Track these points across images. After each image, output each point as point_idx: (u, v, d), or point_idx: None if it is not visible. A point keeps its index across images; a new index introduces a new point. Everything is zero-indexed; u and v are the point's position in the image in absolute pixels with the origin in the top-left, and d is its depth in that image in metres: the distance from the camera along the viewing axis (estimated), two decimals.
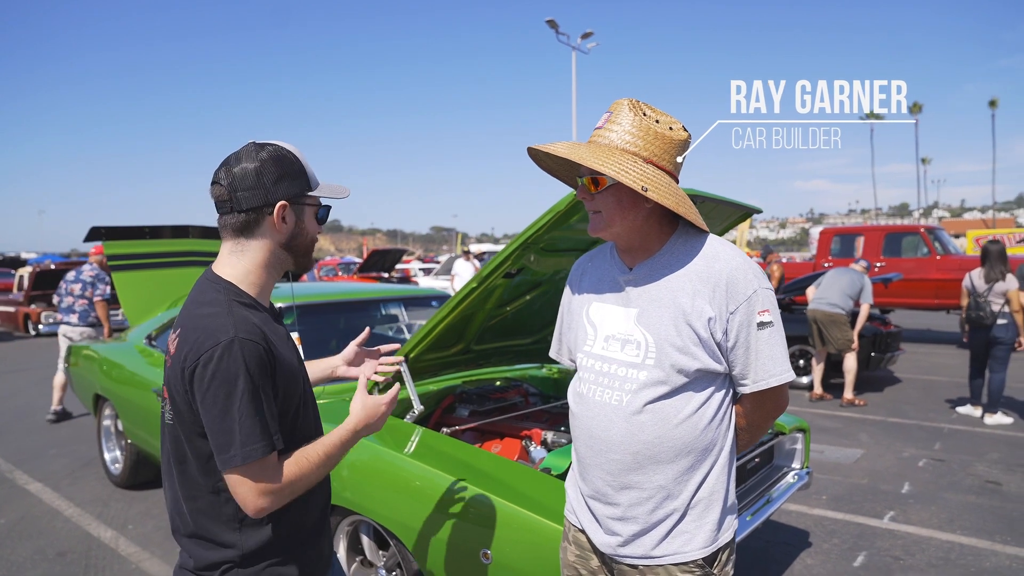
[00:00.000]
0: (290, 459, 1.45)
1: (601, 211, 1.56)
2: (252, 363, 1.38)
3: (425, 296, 4.91)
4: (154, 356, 4.45)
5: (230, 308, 1.44)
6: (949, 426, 6.51)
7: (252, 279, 1.52)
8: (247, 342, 1.38)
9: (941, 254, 11.84)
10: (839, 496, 4.64)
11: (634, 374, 1.55)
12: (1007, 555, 3.74)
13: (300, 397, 1.56)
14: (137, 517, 4.36)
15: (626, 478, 1.56)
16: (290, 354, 1.56)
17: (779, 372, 1.52)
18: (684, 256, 1.55)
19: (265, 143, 1.51)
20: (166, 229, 5.86)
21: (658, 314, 1.54)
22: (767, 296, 1.51)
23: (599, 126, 1.57)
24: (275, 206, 1.47)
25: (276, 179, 1.47)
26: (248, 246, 1.51)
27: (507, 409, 3.53)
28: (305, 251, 1.57)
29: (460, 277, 14.33)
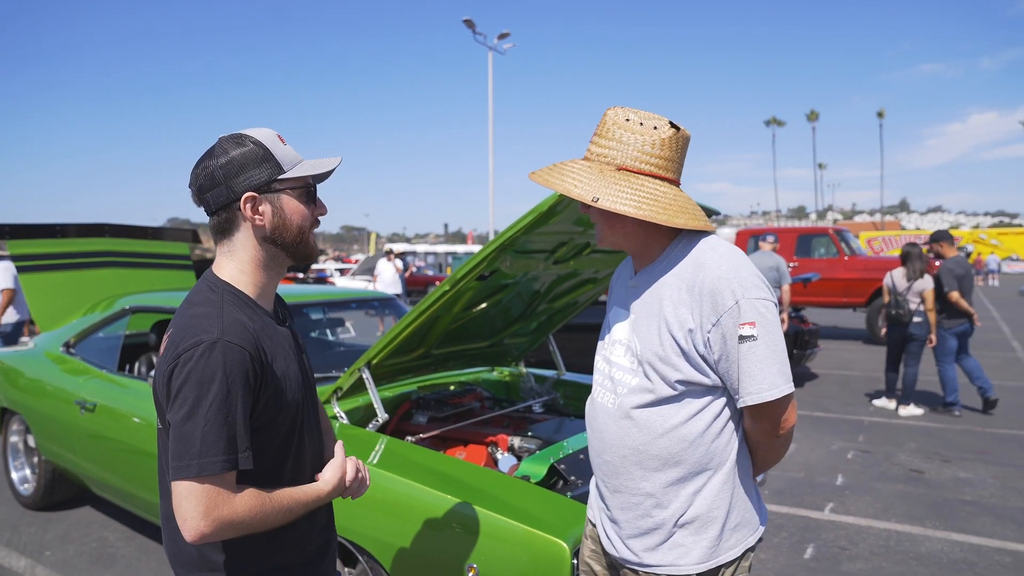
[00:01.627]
0: (252, 492, 1.31)
1: (596, 223, 1.58)
2: (233, 369, 1.27)
3: (368, 299, 4.74)
4: (72, 364, 4.11)
5: (222, 309, 1.35)
6: (869, 418, 6.84)
7: (248, 278, 1.43)
8: (232, 346, 1.28)
9: (849, 255, 12.49)
10: (781, 490, 4.78)
11: (628, 379, 1.55)
12: (938, 539, 3.94)
13: (296, 411, 1.44)
14: (55, 542, 4.00)
15: (616, 481, 1.57)
16: (290, 363, 1.45)
17: (761, 389, 1.40)
18: (677, 262, 1.51)
19: (231, 135, 1.40)
20: (78, 227, 5.42)
21: (647, 322, 1.52)
22: (752, 307, 1.40)
23: (591, 139, 1.55)
24: (240, 200, 1.36)
25: (236, 172, 1.36)
26: (234, 246, 1.42)
27: (465, 414, 3.43)
28: (294, 241, 1.43)
29: (383, 278, 14.05)
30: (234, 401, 1.27)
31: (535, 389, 3.91)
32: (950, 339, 6.80)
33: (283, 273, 1.50)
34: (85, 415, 3.67)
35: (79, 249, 5.36)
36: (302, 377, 1.50)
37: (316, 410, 1.59)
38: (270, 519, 1.33)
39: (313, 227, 1.47)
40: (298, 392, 1.45)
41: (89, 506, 4.52)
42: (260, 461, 1.36)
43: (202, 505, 1.23)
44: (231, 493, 1.27)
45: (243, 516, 1.28)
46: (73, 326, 4.51)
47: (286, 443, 1.43)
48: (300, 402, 1.46)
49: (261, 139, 1.38)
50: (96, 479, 3.81)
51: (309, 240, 1.46)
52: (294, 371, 1.45)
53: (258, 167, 1.37)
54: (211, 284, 1.42)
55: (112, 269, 5.41)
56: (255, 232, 1.41)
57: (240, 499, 1.28)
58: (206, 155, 1.39)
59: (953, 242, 6.93)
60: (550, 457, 2.64)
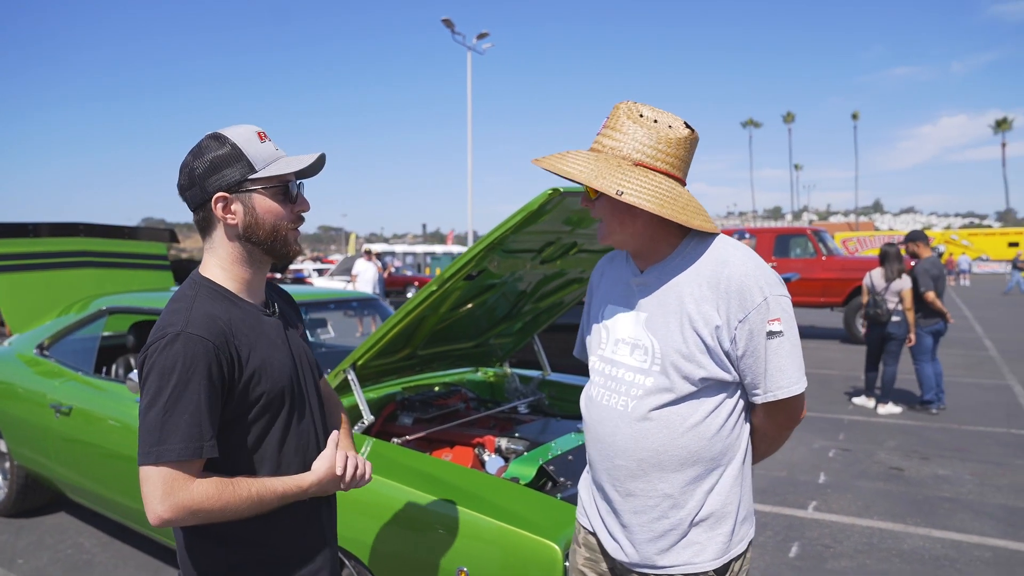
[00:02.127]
0: (213, 480, 1.32)
1: (602, 219, 1.53)
2: (193, 359, 1.31)
3: (349, 299, 4.69)
4: (47, 367, 4.01)
5: (193, 303, 1.39)
6: (848, 417, 6.91)
7: (227, 273, 1.47)
8: (193, 337, 1.32)
9: (826, 255, 12.63)
10: (764, 489, 4.80)
11: (640, 379, 1.51)
12: (920, 536, 3.98)
13: (281, 399, 1.46)
14: (28, 549, 3.90)
15: (630, 485, 1.52)
16: (275, 351, 1.47)
17: (789, 384, 1.45)
18: (694, 260, 1.50)
19: (213, 133, 1.42)
20: (52, 226, 5.30)
21: (664, 320, 1.50)
22: (779, 304, 1.43)
23: (599, 131, 1.53)
24: (212, 201, 1.40)
25: (207, 173, 1.39)
26: (213, 243, 1.46)
27: (451, 416, 3.40)
28: (268, 239, 1.44)
29: (362, 277, 13.93)
30: (195, 390, 1.30)
31: (520, 390, 3.89)
32: (926, 338, 6.89)
33: (266, 267, 1.52)
34: (60, 419, 3.58)
35: (53, 249, 5.24)
36: (292, 366, 1.51)
37: (315, 400, 1.59)
38: (234, 506, 1.33)
39: (292, 224, 1.48)
40: (282, 380, 1.46)
41: (64, 512, 4.42)
42: (240, 450, 1.40)
43: (159, 490, 1.27)
44: (190, 479, 1.29)
45: (201, 502, 1.29)
46: (47, 327, 4.40)
47: (267, 432, 1.44)
48: (287, 390, 1.47)
49: (237, 138, 1.40)
50: (71, 484, 3.73)
51: (286, 238, 1.47)
52: (279, 360, 1.47)
53: (230, 167, 1.39)
54: (192, 281, 1.46)
55: (87, 269, 5.29)
56: (228, 231, 1.44)
57: (198, 485, 1.30)
58: (189, 154, 1.42)
59: (928, 242, 7.02)
60: (539, 458, 2.62)
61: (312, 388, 1.59)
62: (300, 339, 1.62)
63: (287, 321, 1.59)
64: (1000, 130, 78.19)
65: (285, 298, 1.70)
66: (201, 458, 1.30)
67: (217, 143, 1.40)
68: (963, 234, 49.45)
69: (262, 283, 1.54)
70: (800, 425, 6.18)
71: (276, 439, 1.45)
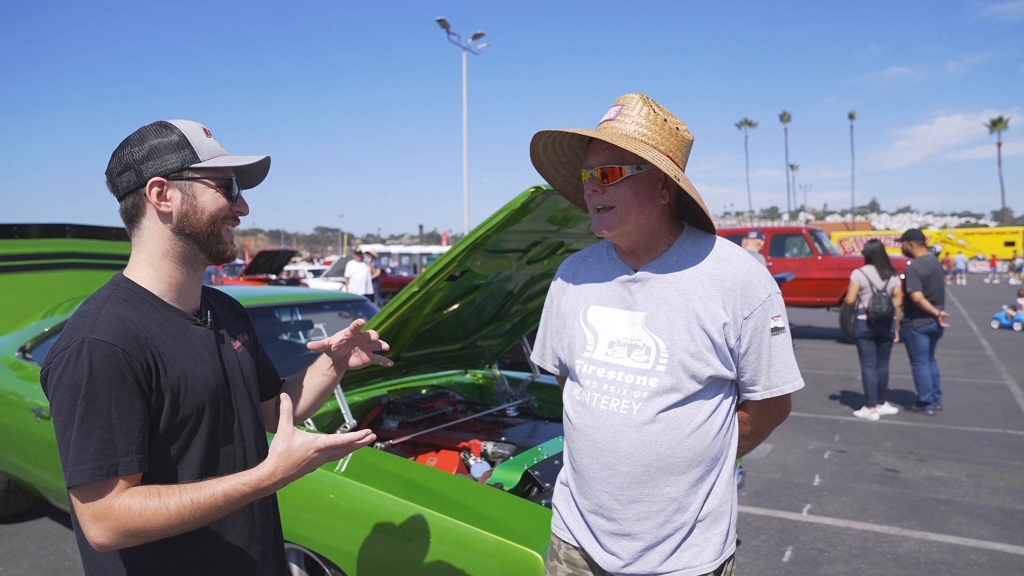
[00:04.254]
0: (136, 492, 1.20)
1: (615, 206, 1.46)
2: (100, 369, 1.19)
3: (338, 300, 4.61)
4: (28, 370, 3.93)
5: (103, 306, 1.28)
6: (844, 418, 6.85)
7: (154, 272, 1.36)
8: (99, 343, 1.20)
9: (822, 254, 12.58)
10: (758, 491, 4.74)
11: (644, 381, 1.46)
12: (915, 539, 3.93)
13: (203, 414, 1.33)
14: (9, 556, 3.83)
15: (635, 491, 1.46)
16: (199, 363, 1.35)
17: (792, 379, 1.49)
18: (693, 258, 1.50)
19: (154, 122, 1.36)
20: (39, 227, 5.23)
21: (669, 318, 1.46)
22: (779, 301, 1.48)
23: (609, 118, 1.48)
24: (147, 186, 1.31)
25: (147, 155, 1.31)
26: (141, 237, 1.36)
27: (437, 419, 3.34)
28: (205, 232, 1.35)
29: (355, 279, 13.86)
30: (105, 403, 1.19)
31: (509, 392, 3.83)
32: (921, 338, 6.82)
33: (200, 270, 1.42)
34: (40, 423, 3.51)
35: (39, 250, 5.17)
36: (220, 381, 1.39)
37: (250, 419, 1.47)
38: (171, 520, 1.19)
39: (229, 222, 1.39)
40: (203, 395, 1.34)
41: (47, 517, 4.35)
42: (163, 466, 1.28)
43: (85, 515, 1.18)
44: (114, 497, 1.18)
45: (129, 519, 1.17)
46: (31, 329, 4.33)
47: (183, 454, 1.32)
48: (209, 407, 1.35)
49: (182, 128, 1.34)
50: (53, 489, 3.65)
51: (221, 233, 1.38)
52: (203, 372, 1.35)
53: (172, 153, 1.32)
54: (111, 283, 1.35)
55: (74, 271, 5.23)
56: (161, 219, 1.34)
57: (122, 500, 1.18)
58: (124, 141, 1.35)
59: (924, 241, 6.95)
60: (524, 463, 2.56)
61: (247, 406, 1.47)
62: (239, 351, 1.50)
63: (225, 331, 1.48)
64: (996, 129, 78.25)
65: (229, 305, 1.61)
66: (117, 476, 1.18)
67: (163, 129, 1.33)
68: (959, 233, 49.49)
69: (196, 287, 1.43)
70: (795, 426, 6.11)
71: (194, 463, 1.32)
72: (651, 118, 1.45)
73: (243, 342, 1.54)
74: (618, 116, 1.46)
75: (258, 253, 18.77)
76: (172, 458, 1.31)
